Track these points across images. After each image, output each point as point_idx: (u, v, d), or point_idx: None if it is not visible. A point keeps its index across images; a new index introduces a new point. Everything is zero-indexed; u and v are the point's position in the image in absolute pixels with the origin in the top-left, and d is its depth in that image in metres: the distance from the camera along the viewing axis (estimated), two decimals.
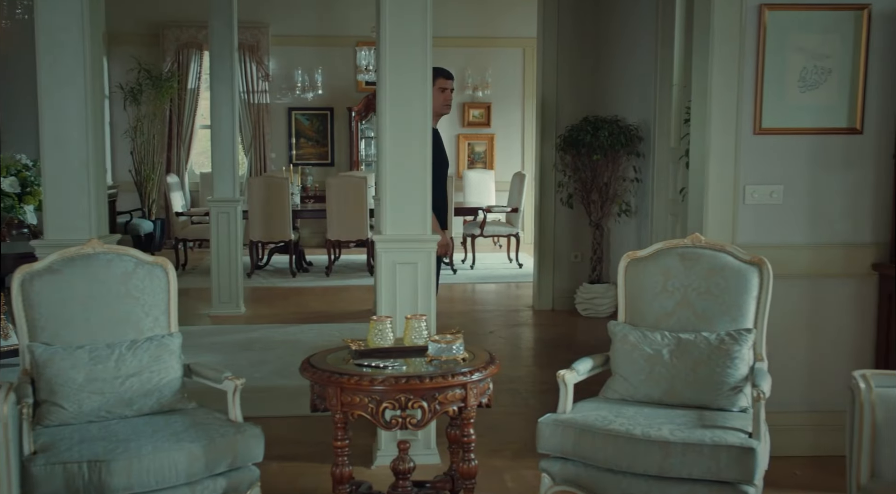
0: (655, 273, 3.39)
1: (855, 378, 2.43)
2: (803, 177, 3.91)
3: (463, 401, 2.96)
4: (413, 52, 3.77)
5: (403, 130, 3.80)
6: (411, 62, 3.78)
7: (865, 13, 3.81)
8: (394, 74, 3.78)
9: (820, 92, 3.86)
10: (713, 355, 3.16)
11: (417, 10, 3.76)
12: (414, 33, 3.76)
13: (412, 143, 3.81)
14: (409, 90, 3.79)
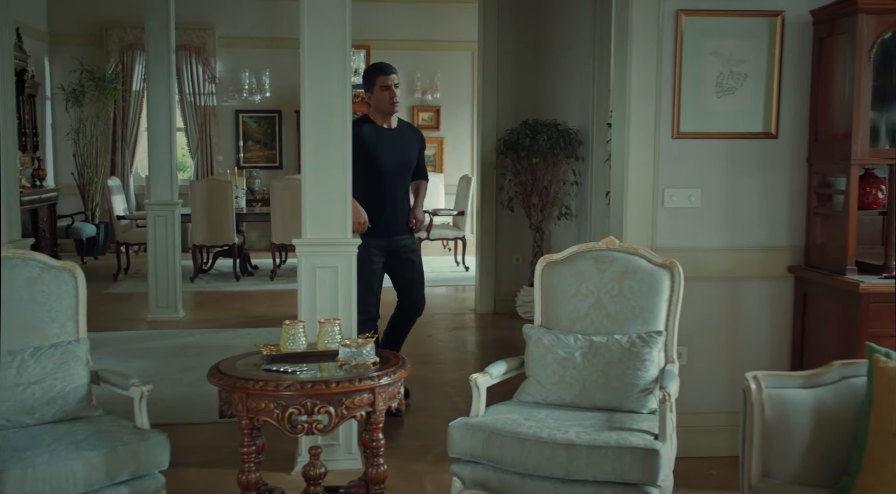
0: (570, 276, 3.41)
1: (746, 380, 2.47)
2: (721, 181, 3.96)
3: (371, 406, 2.94)
4: (332, 59, 3.75)
5: (323, 135, 3.78)
6: (330, 68, 3.75)
7: (779, 20, 3.88)
8: (313, 80, 3.76)
9: (736, 97, 3.91)
10: (624, 357, 3.19)
11: (336, 15, 3.74)
12: (332, 39, 3.74)
13: (332, 148, 3.79)
14: (329, 96, 3.76)
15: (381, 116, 4.61)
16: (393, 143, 4.63)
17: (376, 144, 4.56)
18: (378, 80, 4.54)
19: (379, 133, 4.62)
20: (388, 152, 4.60)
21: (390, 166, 4.62)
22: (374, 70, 4.62)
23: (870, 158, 3.59)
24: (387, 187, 4.62)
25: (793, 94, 3.93)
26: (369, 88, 4.59)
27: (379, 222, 4.57)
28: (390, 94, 4.55)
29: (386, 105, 4.56)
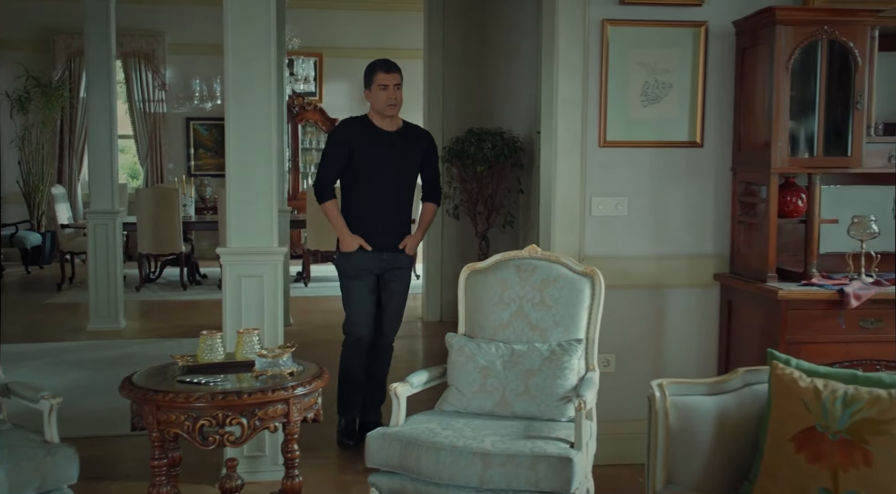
0: (494, 285, 3.41)
1: (651, 388, 2.48)
2: (648, 189, 3.99)
3: (286, 417, 2.90)
4: (256, 64, 3.71)
5: (247, 142, 3.74)
6: (254, 74, 3.71)
7: (703, 30, 3.92)
8: (237, 85, 3.72)
9: (662, 106, 3.95)
10: (544, 365, 3.19)
11: (260, 19, 3.70)
12: (256, 43, 3.71)
13: (256, 155, 3.75)
14: (253, 102, 3.72)
15: (379, 116, 4.24)
16: (387, 147, 4.17)
17: (362, 145, 4.17)
18: (376, 77, 4.17)
19: (371, 135, 4.20)
20: (377, 157, 4.17)
21: (378, 172, 4.17)
22: (373, 66, 4.26)
23: (789, 166, 3.64)
24: (372, 196, 4.19)
25: (717, 103, 3.98)
26: (367, 84, 4.24)
27: (359, 233, 4.20)
28: (387, 94, 4.14)
29: (381, 105, 4.17)
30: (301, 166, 12.21)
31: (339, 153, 4.22)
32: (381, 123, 4.23)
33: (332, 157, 4.25)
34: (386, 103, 4.16)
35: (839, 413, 2.16)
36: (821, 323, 3.53)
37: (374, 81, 4.18)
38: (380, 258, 4.23)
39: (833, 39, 3.58)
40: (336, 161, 4.23)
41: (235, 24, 3.70)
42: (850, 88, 3.61)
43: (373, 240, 4.19)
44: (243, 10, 3.69)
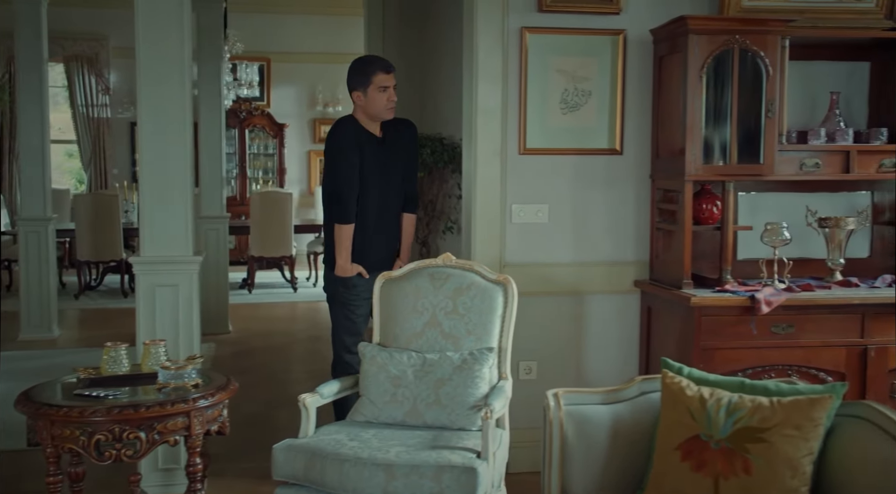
0: (408, 293, 3.38)
1: (546, 397, 2.47)
2: (568, 196, 4.00)
3: (187, 430, 2.85)
4: (169, 68, 3.66)
5: (161, 148, 3.68)
6: (168, 78, 3.66)
7: (621, 38, 3.95)
8: (149, 89, 3.66)
9: (581, 113, 3.96)
10: (455, 375, 3.17)
11: (173, 23, 3.65)
12: (169, 47, 3.65)
13: (171, 161, 3.69)
14: (167, 106, 3.67)
15: (371, 120, 3.79)
16: (380, 154, 3.80)
17: (364, 153, 3.76)
18: (376, 77, 3.70)
19: (368, 141, 3.78)
20: (373, 166, 3.77)
21: (375, 184, 3.79)
22: (370, 64, 3.77)
23: (703, 174, 3.67)
24: (371, 212, 3.80)
25: (636, 110, 4.01)
26: (361, 84, 3.73)
27: (366, 254, 3.80)
28: (387, 96, 3.74)
29: (379, 109, 3.74)
30: (249, 171, 12.09)
31: (353, 159, 3.71)
32: (371, 128, 3.81)
33: (349, 164, 3.70)
34: (386, 107, 3.75)
35: (722, 422, 2.17)
36: (734, 329, 3.57)
37: (371, 82, 3.71)
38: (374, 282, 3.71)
39: (745, 49, 3.62)
40: (354, 169, 3.71)
41: (147, 28, 3.65)
42: (762, 96, 3.66)
43: (373, 263, 3.80)
44: (154, 14, 3.64)
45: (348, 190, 3.71)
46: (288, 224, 9.45)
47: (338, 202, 3.73)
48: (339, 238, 3.74)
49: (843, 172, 3.80)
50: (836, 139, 3.84)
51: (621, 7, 3.92)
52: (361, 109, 3.77)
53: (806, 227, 3.93)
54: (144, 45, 3.64)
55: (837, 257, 3.86)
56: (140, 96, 3.67)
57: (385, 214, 3.86)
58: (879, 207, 4.11)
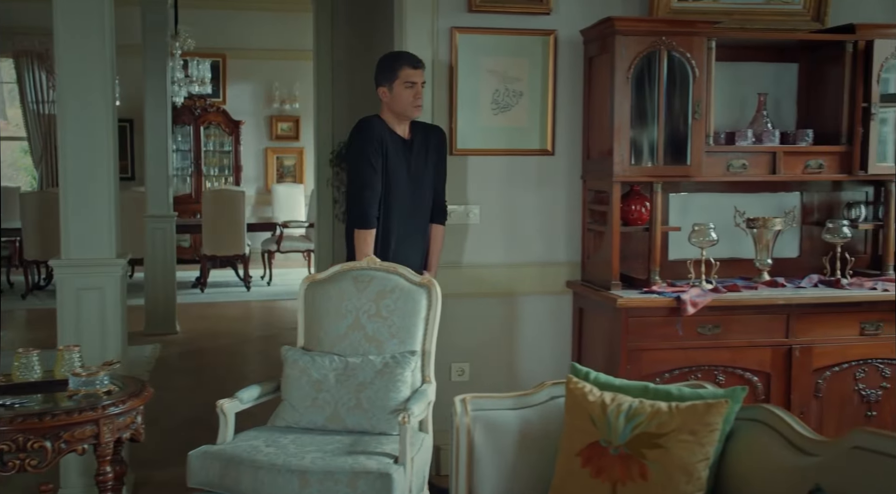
0: (333, 296, 3.35)
1: (454, 403, 2.46)
2: (500, 197, 3.99)
3: (96, 438, 2.80)
4: (92, 64, 3.59)
5: (84, 145, 3.61)
6: (91, 75, 3.59)
7: (551, 38, 3.94)
8: (71, 86, 3.59)
9: (512, 114, 3.95)
10: (376, 378, 3.14)
11: (94, 18, 3.57)
12: (91, 43, 3.58)
13: (95, 159, 3.62)
14: (90, 103, 3.60)
15: (398, 119, 3.59)
16: (409, 157, 3.59)
17: (396, 159, 3.54)
18: (402, 72, 3.50)
19: (396, 144, 3.57)
20: (401, 169, 3.56)
21: (404, 192, 3.57)
22: (396, 60, 3.57)
23: (630, 175, 3.68)
24: (399, 219, 3.57)
25: (567, 111, 4.00)
26: (386, 80, 3.54)
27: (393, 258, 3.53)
28: (415, 93, 3.53)
29: (407, 106, 3.53)
30: (204, 169, 11.96)
31: (377, 159, 3.49)
32: (398, 128, 3.59)
33: (370, 165, 3.47)
34: (413, 104, 3.54)
35: (621, 428, 2.17)
36: (660, 330, 3.58)
37: (397, 77, 3.50)
38: None
39: (671, 50, 3.63)
40: (378, 174, 3.48)
41: (66, 23, 3.56)
42: (689, 98, 3.67)
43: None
44: (74, 9, 3.56)
45: (369, 193, 3.47)
46: (241, 223, 9.36)
47: (358, 205, 3.50)
48: (360, 245, 3.49)
49: (769, 173, 3.83)
50: (764, 140, 3.86)
51: (551, 7, 3.92)
52: (387, 106, 3.58)
53: (736, 227, 3.95)
54: (64, 37, 3.57)
55: (765, 257, 3.89)
56: (60, 92, 3.60)
57: (411, 220, 3.61)
58: (808, 207, 4.15)
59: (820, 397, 3.71)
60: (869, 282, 3.81)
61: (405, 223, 3.59)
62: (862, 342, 3.72)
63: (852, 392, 3.74)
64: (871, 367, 3.74)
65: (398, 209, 3.56)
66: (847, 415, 3.74)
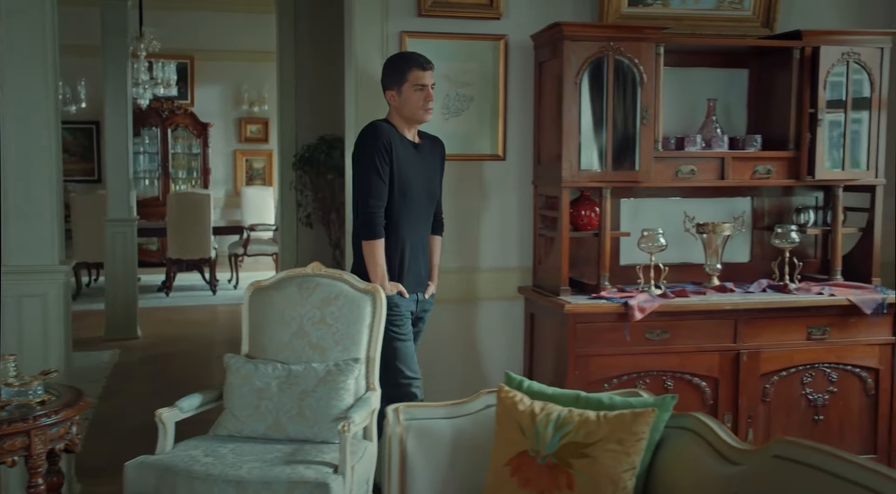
0: (277, 303, 3.32)
1: (387, 412, 2.43)
2: (453, 203, 3.96)
3: (27, 449, 2.75)
4: (33, 66, 3.53)
5: (26, 149, 3.55)
6: (32, 77, 3.53)
7: (502, 43, 3.93)
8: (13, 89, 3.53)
9: (463, 119, 3.94)
10: (319, 386, 3.11)
11: (35, 21, 3.52)
12: (32, 45, 3.52)
13: (38, 164, 3.56)
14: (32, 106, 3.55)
15: (407, 124, 3.46)
16: (418, 164, 3.46)
17: (400, 160, 3.39)
18: (411, 74, 3.37)
19: (407, 148, 3.44)
20: (416, 177, 3.43)
21: (417, 196, 3.44)
22: (404, 62, 3.43)
23: (579, 180, 3.67)
24: (409, 226, 3.44)
25: (519, 116, 3.99)
26: (395, 83, 3.40)
27: (404, 272, 3.45)
28: (425, 95, 3.40)
29: (417, 110, 3.41)
30: (172, 171, 11.87)
31: (384, 166, 3.33)
32: (407, 133, 3.46)
33: (379, 171, 3.32)
34: (423, 107, 3.41)
35: (549, 437, 2.16)
36: (609, 336, 3.57)
37: (406, 79, 3.37)
38: (416, 301, 3.50)
39: (620, 56, 3.63)
40: (384, 179, 3.33)
41: (6, 24, 3.50)
42: (637, 103, 3.67)
43: (411, 281, 3.47)
44: (15, 9, 3.50)
45: (375, 201, 3.32)
46: (206, 226, 9.29)
47: (363, 215, 3.35)
48: (369, 257, 3.35)
49: (718, 178, 3.84)
50: (712, 146, 3.87)
51: (502, 12, 3.91)
52: (396, 110, 3.44)
53: (687, 233, 3.96)
54: (5, 38, 3.50)
55: (714, 262, 3.90)
56: (3, 97, 3.53)
57: (422, 229, 3.52)
58: (759, 212, 4.17)
59: (768, 401, 3.72)
60: (816, 287, 3.83)
61: (417, 232, 3.47)
62: (809, 347, 3.74)
63: (800, 397, 3.76)
64: (818, 371, 3.76)
65: (412, 217, 3.43)
66: (794, 420, 3.76)
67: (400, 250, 3.43)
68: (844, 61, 3.81)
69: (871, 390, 3.81)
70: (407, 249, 3.44)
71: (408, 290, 3.43)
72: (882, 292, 3.76)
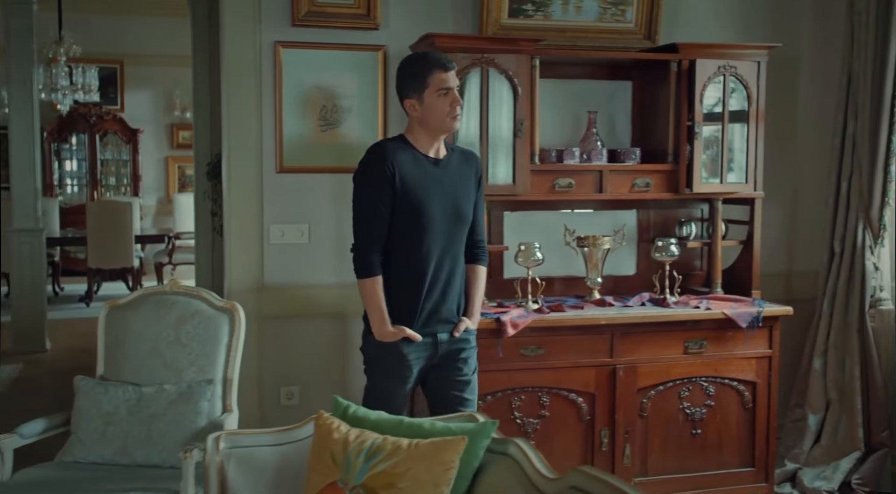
0: (132, 322, 3.21)
1: (206, 441, 2.34)
2: (330, 216, 3.89)
3: None
4: None
5: None
6: None
7: (381, 54, 3.86)
8: None
9: (341, 131, 3.86)
10: (170, 409, 3.01)
11: None
12: None
13: None
14: None
15: (430, 136, 2.92)
16: (440, 183, 2.91)
17: (411, 183, 2.86)
18: (433, 78, 2.85)
19: (420, 166, 2.90)
20: (435, 198, 2.89)
21: (438, 220, 2.89)
22: (423, 64, 2.89)
23: None
24: (422, 258, 2.89)
25: (400, 128, 3.89)
26: (415, 90, 2.88)
27: (417, 309, 2.91)
28: (451, 100, 2.87)
29: (443, 119, 2.87)
30: (101, 179, 11.62)
31: (383, 196, 2.84)
32: (429, 148, 2.94)
33: (375, 202, 2.84)
34: (450, 115, 2.87)
35: (359, 466, 2.09)
36: (482, 352, 3.46)
37: (428, 84, 2.85)
38: (433, 344, 2.95)
39: (494, 68, 3.58)
40: (381, 209, 2.85)
41: None
42: (513, 116, 3.63)
43: (429, 320, 2.93)
44: None
45: (367, 232, 2.87)
46: (128, 234, 9.08)
47: (354, 250, 2.92)
48: (365, 297, 2.92)
49: (596, 191, 3.81)
50: (592, 159, 3.85)
51: (379, 23, 3.84)
52: (417, 121, 2.91)
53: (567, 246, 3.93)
54: None
55: (595, 276, 3.87)
56: None
57: (446, 256, 2.93)
58: (644, 224, 4.15)
59: (645, 416, 3.70)
60: (695, 300, 3.82)
61: (440, 261, 2.92)
62: (686, 361, 3.72)
63: (677, 411, 3.74)
64: (695, 385, 3.75)
65: (431, 244, 2.89)
66: (672, 434, 3.74)
67: (413, 284, 2.89)
68: (721, 74, 3.81)
69: (749, 403, 3.81)
70: (425, 281, 2.89)
71: (425, 330, 2.90)
72: (759, 306, 3.76)
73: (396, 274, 2.90)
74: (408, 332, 2.88)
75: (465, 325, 3.00)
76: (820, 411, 4.01)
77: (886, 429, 3.93)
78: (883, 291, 3.93)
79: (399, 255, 2.90)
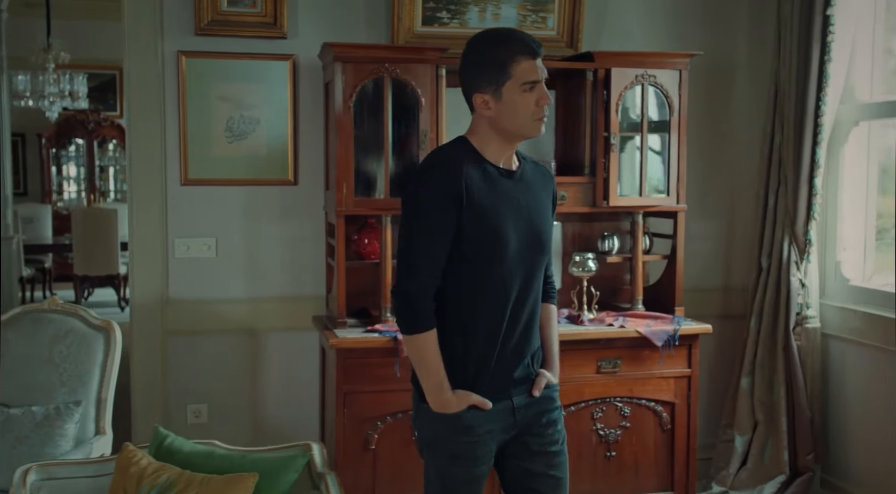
0: (10, 340, 3.13)
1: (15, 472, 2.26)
2: (238, 229, 3.79)
3: None
4: None
5: None
6: None
7: (290, 63, 3.76)
8: None
9: (249, 142, 3.77)
10: (34, 432, 2.93)
11: None
12: None
13: None
14: None
15: (506, 141, 2.22)
16: (517, 201, 2.21)
17: (494, 203, 2.17)
18: (518, 66, 2.15)
19: (494, 181, 2.20)
20: (511, 221, 2.19)
21: (514, 250, 2.18)
22: (504, 46, 2.17)
23: (355, 208, 3.50)
24: (507, 294, 2.20)
25: (311, 139, 3.82)
26: (491, 83, 2.16)
27: (487, 368, 2.21)
28: (538, 97, 2.18)
29: (527, 121, 2.18)
30: (101, 185, 11.70)
31: (442, 226, 2.13)
32: (500, 157, 2.23)
33: (441, 230, 2.13)
34: (535, 116, 2.19)
35: None
36: (379, 372, 3.39)
37: (510, 74, 2.14)
38: (510, 410, 2.24)
39: (396, 78, 3.46)
40: (445, 240, 2.14)
41: None
42: (417, 127, 3.50)
43: (503, 382, 2.23)
44: None
45: (430, 268, 2.14)
46: (114, 242, 9.09)
47: (399, 295, 2.17)
48: (415, 358, 2.19)
49: None
50: None
51: (287, 31, 3.74)
52: (490, 122, 2.19)
53: None
54: None
55: None
56: None
57: (527, 292, 2.23)
58: (569, 237, 3.99)
59: None
60: (611, 318, 3.66)
61: (517, 302, 2.20)
62: (599, 380, 3.57)
63: (590, 432, 3.59)
64: (609, 406, 3.59)
65: (506, 281, 2.18)
66: (585, 456, 3.59)
67: (483, 338, 2.19)
68: (639, 83, 3.64)
69: (668, 424, 3.63)
70: (499, 331, 2.19)
71: (496, 396, 2.21)
72: (677, 324, 3.59)
73: (457, 324, 2.18)
74: (475, 398, 2.18)
75: (546, 379, 2.31)
76: (747, 432, 3.82)
77: (812, 452, 3.73)
78: (809, 308, 3.72)
79: (460, 299, 2.18)
